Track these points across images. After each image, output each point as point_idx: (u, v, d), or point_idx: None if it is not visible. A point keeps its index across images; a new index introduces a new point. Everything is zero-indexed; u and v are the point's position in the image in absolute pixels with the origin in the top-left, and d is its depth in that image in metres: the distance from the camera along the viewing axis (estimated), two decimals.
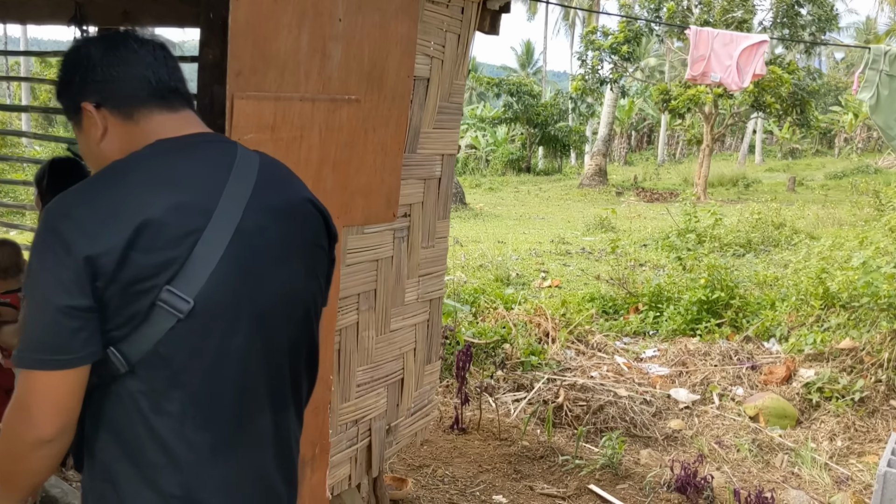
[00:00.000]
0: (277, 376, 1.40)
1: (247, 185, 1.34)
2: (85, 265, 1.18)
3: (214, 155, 1.36)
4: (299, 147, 2.34)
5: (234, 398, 1.32)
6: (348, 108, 2.50)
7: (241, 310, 1.31)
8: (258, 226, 1.33)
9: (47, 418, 1.22)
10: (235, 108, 2.10)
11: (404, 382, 3.06)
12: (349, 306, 2.71)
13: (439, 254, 3.18)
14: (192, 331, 1.24)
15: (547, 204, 19.98)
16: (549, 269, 9.61)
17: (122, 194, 1.24)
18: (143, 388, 1.25)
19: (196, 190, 1.28)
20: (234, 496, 1.33)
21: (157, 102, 1.36)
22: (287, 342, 1.41)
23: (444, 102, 3.02)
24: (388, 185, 2.78)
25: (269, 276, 1.35)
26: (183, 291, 1.22)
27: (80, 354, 1.20)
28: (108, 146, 1.36)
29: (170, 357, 1.24)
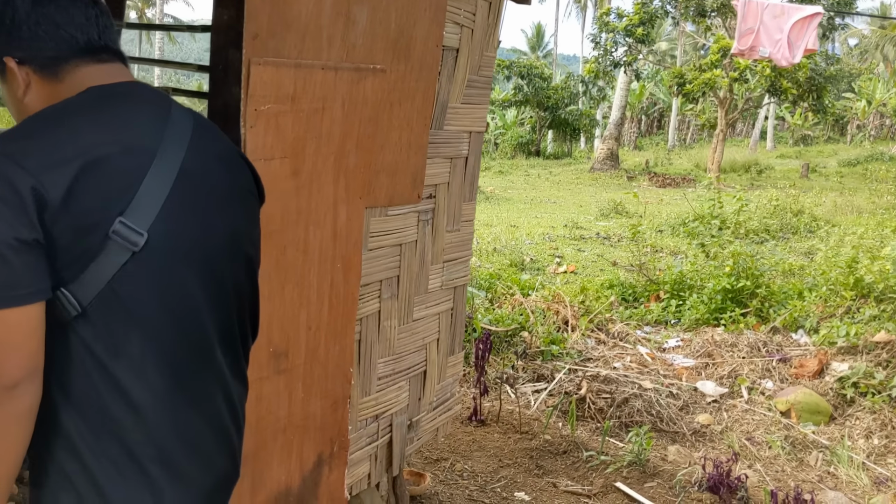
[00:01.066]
0: (226, 321, 1.39)
1: (186, 128, 1.34)
2: (31, 197, 1.14)
3: (151, 99, 1.35)
4: (321, 120, 2.14)
5: (189, 339, 1.31)
6: (373, 79, 2.29)
7: (192, 248, 1.30)
8: (201, 168, 1.33)
9: (9, 360, 1.15)
10: (252, 74, 1.90)
11: (427, 375, 2.87)
12: (370, 294, 2.52)
13: (465, 238, 2.98)
14: (147, 266, 1.22)
15: (558, 188, 19.73)
16: (563, 255, 9.40)
17: (62, 130, 1.20)
18: (98, 333, 1.21)
19: (137, 130, 1.27)
20: (195, 443, 1.33)
21: (83, 57, 1.33)
22: (233, 287, 1.41)
23: (474, 75, 2.81)
24: (414, 164, 2.58)
25: (215, 217, 1.35)
26: (135, 224, 1.20)
27: (33, 289, 1.15)
28: (32, 101, 1.32)
29: (125, 295, 1.21)
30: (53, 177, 1.16)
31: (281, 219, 2.08)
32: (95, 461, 1.23)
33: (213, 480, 1.40)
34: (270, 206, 2.02)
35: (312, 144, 2.14)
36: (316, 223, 2.21)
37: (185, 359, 1.31)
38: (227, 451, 1.43)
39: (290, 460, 2.27)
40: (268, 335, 2.12)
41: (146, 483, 1.28)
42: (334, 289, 2.32)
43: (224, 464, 1.43)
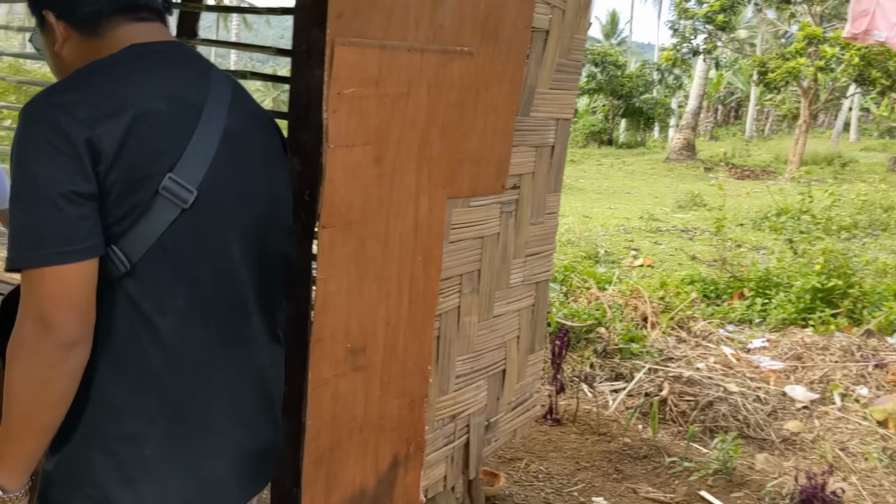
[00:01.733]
0: (265, 283, 1.39)
1: (227, 87, 1.33)
2: (86, 148, 1.12)
3: (192, 59, 1.34)
4: (405, 105, 2.02)
5: (232, 299, 1.31)
6: (460, 62, 2.16)
7: (236, 209, 1.30)
8: (242, 128, 1.33)
9: (68, 318, 1.13)
10: (336, 55, 1.79)
11: (506, 374, 2.74)
12: (450, 288, 2.40)
13: (548, 231, 2.83)
14: (195, 223, 1.22)
15: (632, 178, 19.33)
16: (639, 247, 9.15)
17: (112, 83, 1.18)
18: (145, 289, 1.20)
19: (183, 86, 1.26)
20: (238, 403, 1.33)
21: (123, 15, 1.30)
22: (272, 249, 1.41)
23: (563, 59, 2.66)
24: (499, 153, 2.44)
25: (256, 179, 1.35)
26: (185, 180, 1.19)
27: (90, 244, 1.13)
28: (69, 56, 1.30)
29: (174, 250, 1.21)
30: (107, 127, 1.13)
31: (361, 209, 1.98)
32: (134, 421, 1.22)
33: (256, 443, 1.40)
34: (351, 195, 1.92)
35: (396, 131, 2.02)
36: (397, 214, 2.09)
37: (228, 318, 1.31)
38: (269, 414, 1.44)
39: (365, 461, 2.17)
40: (345, 330, 2.02)
41: (187, 442, 1.27)
42: (414, 283, 2.21)
43: (266, 428, 1.43)
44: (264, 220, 1.39)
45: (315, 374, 1.94)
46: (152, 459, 1.24)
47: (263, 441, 1.45)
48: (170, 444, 1.26)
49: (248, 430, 1.39)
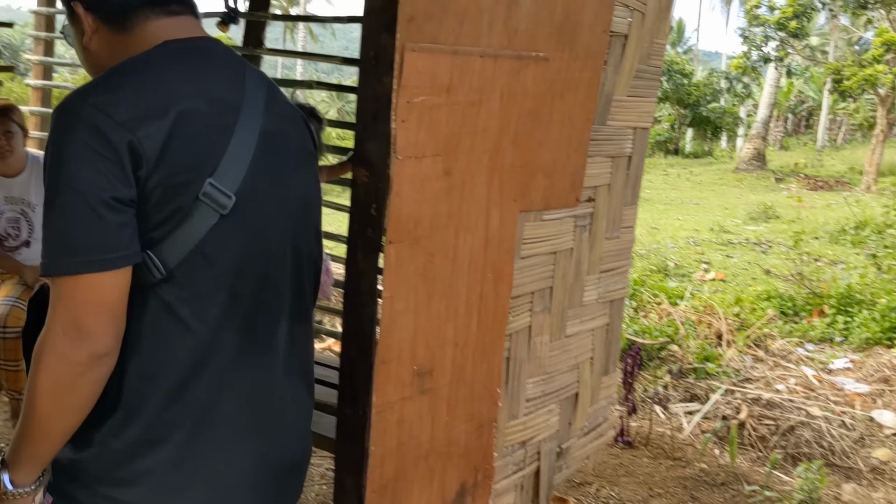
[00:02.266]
0: (300, 287, 1.37)
1: (263, 87, 1.31)
2: (128, 152, 1.08)
3: (227, 56, 1.30)
4: (476, 114, 1.92)
5: (270, 302, 1.29)
6: (535, 68, 2.05)
7: (273, 211, 1.28)
8: (277, 128, 1.30)
9: (102, 328, 1.10)
10: (406, 62, 1.69)
11: (579, 397, 2.60)
12: (521, 307, 2.28)
13: (624, 246, 2.69)
14: (234, 228, 1.20)
15: (700, 188, 18.89)
16: (710, 261, 8.86)
17: (152, 83, 1.14)
18: (183, 295, 1.17)
19: (221, 86, 1.22)
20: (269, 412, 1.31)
21: (153, 9, 1.26)
22: (305, 252, 1.39)
23: (642, 65, 2.52)
24: (574, 164, 2.32)
25: (290, 180, 1.32)
26: (225, 186, 1.17)
27: (128, 251, 1.11)
28: (98, 49, 1.27)
29: (213, 257, 1.18)
30: (149, 130, 1.10)
31: (430, 223, 1.87)
32: (157, 426, 1.19)
33: (281, 456, 1.36)
34: (419, 208, 1.82)
35: (467, 141, 1.91)
36: (467, 228, 1.99)
37: (262, 326, 1.29)
38: (296, 427, 1.40)
39: (430, 489, 2.06)
40: (411, 351, 1.91)
41: (208, 449, 1.24)
42: (484, 301, 2.10)
43: (293, 442, 1.39)
44: (299, 223, 1.37)
45: (380, 398, 1.85)
46: (172, 465, 1.22)
47: (290, 455, 1.41)
48: (191, 450, 1.23)
49: (273, 442, 1.35)
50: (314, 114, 3.02)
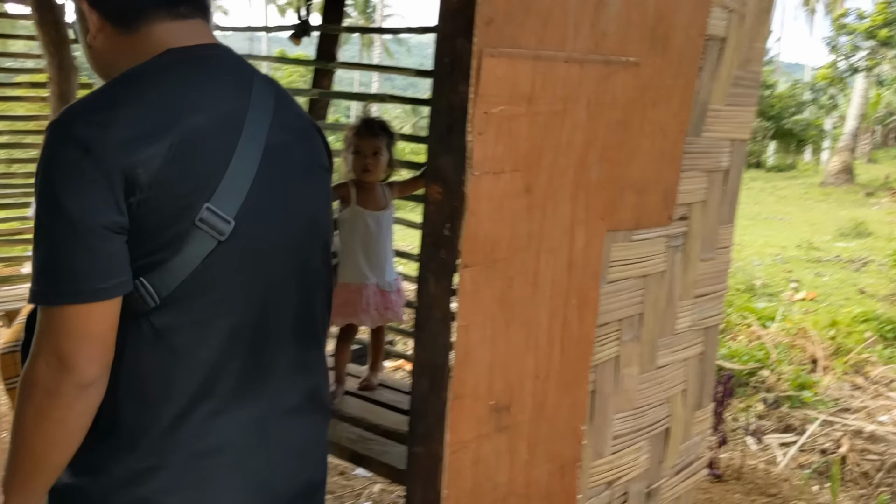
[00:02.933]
0: (310, 307, 1.32)
1: (269, 100, 1.24)
2: (120, 178, 1.03)
3: (234, 66, 1.24)
4: (561, 125, 1.75)
5: (274, 326, 1.24)
6: (624, 75, 1.87)
7: (276, 233, 1.22)
8: (284, 143, 1.24)
9: (87, 358, 1.06)
10: (484, 68, 1.53)
11: (670, 433, 2.39)
12: (608, 335, 2.09)
13: (720, 269, 2.47)
14: (233, 253, 1.14)
15: (785, 203, 18.21)
16: (799, 279, 8.43)
17: (150, 99, 1.08)
18: (177, 323, 1.13)
19: (223, 101, 1.17)
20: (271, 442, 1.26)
21: (159, 10, 1.20)
22: (314, 272, 1.33)
23: (741, 71, 2.31)
24: (666, 179, 2.12)
25: (296, 198, 1.27)
26: (223, 210, 1.11)
27: (118, 281, 1.06)
28: (103, 48, 1.22)
29: (209, 284, 1.13)
30: (145, 154, 1.04)
31: (509, 245, 1.71)
32: (153, 455, 1.15)
33: (285, 488, 1.30)
34: (497, 228, 1.66)
35: (549, 155, 1.75)
36: (549, 250, 1.81)
37: (267, 350, 1.24)
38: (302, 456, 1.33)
39: None
40: (488, 385, 1.75)
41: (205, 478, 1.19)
42: (567, 329, 1.92)
43: (299, 472, 1.33)
44: (305, 241, 1.31)
45: (454, 436, 1.69)
46: (170, 493, 1.18)
47: (297, 483, 1.34)
48: (189, 479, 1.19)
49: (277, 471, 1.29)
50: (385, 128, 2.89)
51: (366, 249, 2.89)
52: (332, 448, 2.73)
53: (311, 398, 1.35)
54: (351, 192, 2.88)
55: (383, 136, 2.87)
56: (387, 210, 2.94)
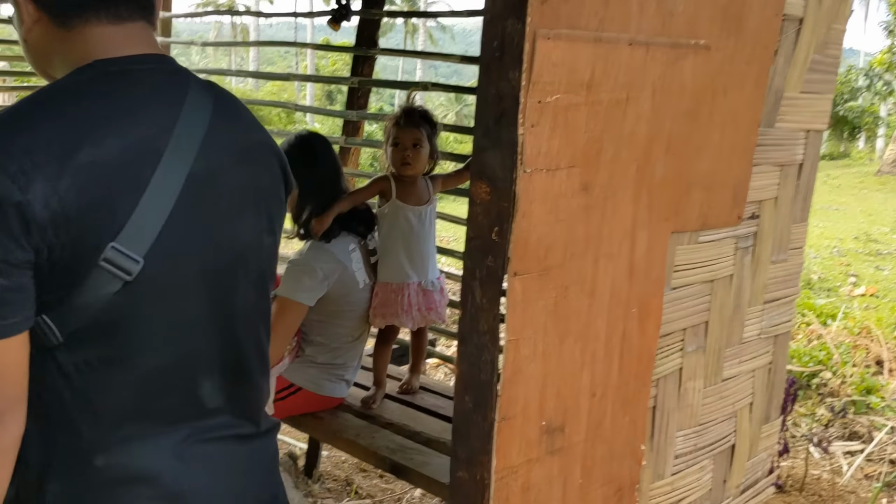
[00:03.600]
0: (233, 347, 1.23)
1: (202, 121, 1.15)
2: (16, 213, 0.98)
3: (164, 82, 1.16)
4: (622, 116, 1.57)
5: (187, 366, 1.17)
6: (694, 59, 1.68)
7: (196, 269, 1.15)
8: (214, 169, 1.15)
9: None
10: (538, 52, 1.36)
11: (735, 450, 2.20)
12: (671, 346, 1.91)
13: (791, 272, 2.27)
14: (141, 294, 1.08)
15: (839, 193, 17.62)
16: (858, 273, 8.09)
17: (58, 128, 1.03)
18: (79, 363, 1.08)
19: (143, 125, 1.09)
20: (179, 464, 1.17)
21: (100, 10, 1.12)
22: (244, 307, 1.24)
23: (818, 55, 2.10)
24: (737, 174, 1.93)
25: (225, 229, 1.18)
26: (131, 249, 1.05)
27: (22, 316, 1.02)
28: (38, 41, 1.16)
29: (117, 324, 1.08)
30: (42, 190, 0.98)
31: (564, 250, 1.54)
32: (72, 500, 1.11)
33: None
34: (551, 232, 1.49)
35: (610, 149, 1.57)
36: (608, 255, 1.64)
37: (183, 390, 1.17)
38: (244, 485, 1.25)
39: None
40: (539, 404, 1.59)
41: None
42: (627, 341, 1.74)
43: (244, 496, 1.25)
44: (233, 276, 1.21)
45: (502, 461, 1.53)
46: None
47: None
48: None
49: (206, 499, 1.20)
50: (427, 117, 2.73)
51: (407, 247, 2.73)
52: (371, 457, 2.59)
53: (239, 427, 1.26)
54: (391, 186, 2.72)
55: (424, 127, 2.71)
56: (429, 204, 2.77)
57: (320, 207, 2.63)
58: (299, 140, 2.69)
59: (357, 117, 3.81)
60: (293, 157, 2.67)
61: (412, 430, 2.65)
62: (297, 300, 2.55)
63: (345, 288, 2.65)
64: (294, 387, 2.73)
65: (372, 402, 2.83)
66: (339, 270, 2.62)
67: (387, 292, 2.72)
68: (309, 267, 2.58)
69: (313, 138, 2.73)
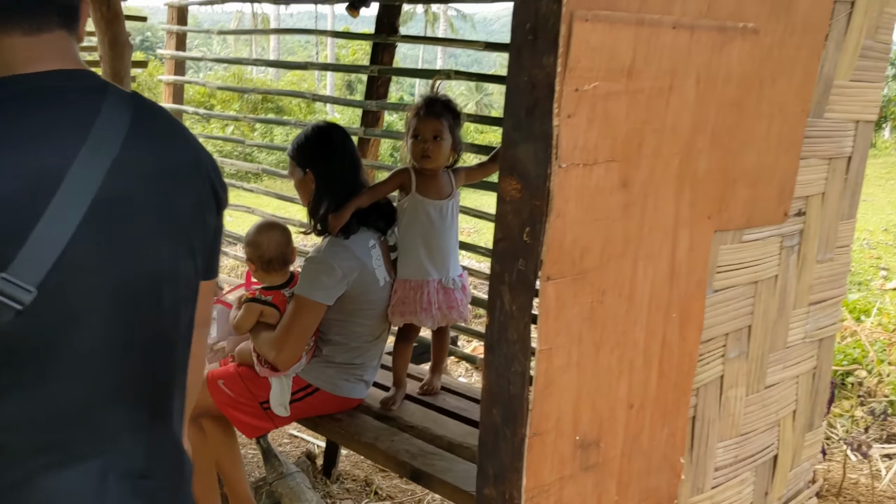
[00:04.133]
0: (147, 375, 1.21)
1: (113, 141, 1.10)
2: None
3: (75, 100, 1.11)
4: (665, 105, 1.44)
5: (84, 402, 1.13)
6: (741, 44, 1.55)
7: (104, 296, 1.11)
8: (123, 193, 1.11)
9: None
10: (575, 35, 1.24)
11: (778, 460, 2.07)
12: (712, 353, 1.78)
13: (838, 271, 2.13)
14: (35, 324, 1.05)
15: (865, 184, 17.15)
16: (888, 266, 7.89)
17: None
18: None
19: (45, 149, 1.05)
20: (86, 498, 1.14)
21: (12, 19, 1.08)
22: (154, 334, 1.21)
23: (869, 41, 1.96)
24: (783, 168, 1.80)
25: (133, 255, 1.14)
26: (22, 279, 1.02)
27: None
28: None
29: (10, 354, 1.06)
30: None
31: (601, 252, 1.42)
32: None
33: None
34: (587, 232, 1.37)
35: (651, 141, 1.44)
36: (648, 256, 1.52)
37: (76, 425, 1.13)
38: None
39: None
40: (573, 418, 1.47)
41: None
42: (666, 349, 1.62)
43: None
44: (142, 301, 1.17)
45: (533, 479, 1.42)
46: None
47: None
48: None
49: None
50: (450, 107, 2.61)
51: (427, 242, 2.62)
52: (390, 462, 2.49)
53: (153, 459, 1.23)
54: (411, 179, 2.61)
55: (446, 118, 2.59)
56: (451, 199, 2.66)
57: (338, 202, 2.53)
58: (316, 131, 2.59)
59: (377, 107, 3.70)
60: (310, 149, 2.60)
61: (434, 434, 2.54)
62: (314, 299, 2.45)
63: (364, 286, 2.55)
64: (311, 387, 2.63)
65: (391, 403, 2.73)
66: (358, 268, 2.52)
67: (406, 290, 2.62)
68: (327, 264, 2.47)
69: (331, 129, 2.62)
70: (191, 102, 15.98)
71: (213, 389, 2.62)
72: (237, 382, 2.62)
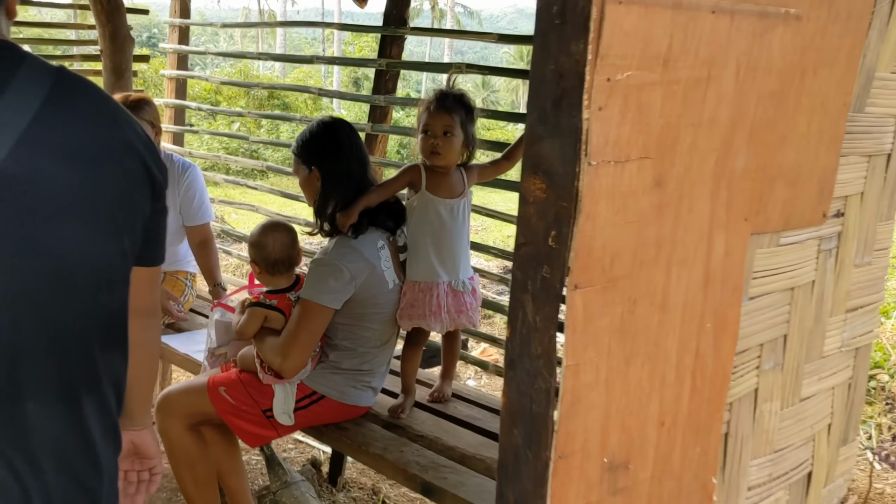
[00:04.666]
0: (57, 372, 1.12)
1: (23, 115, 1.04)
2: None
3: None
4: (702, 97, 1.32)
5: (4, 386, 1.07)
6: (783, 32, 1.43)
7: (3, 281, 1.05)
8: (31, 170, 1.05)
9: None
10: (607, 19, 1.12)
11: (812, 477, 1.95)
12: (746, 364, 1.66)
13: (876, 276, 2.01)
14: None
15: None
16: None
17: None
18: None
19: None
20: None
21: None
22: (62, 319, 1.12)
23: None
24: (823, 166, 1.67)
25: (41, 236, 1.07)
26: None
27: None
28: None
29: None
30: None
31: (632, 257, 1.30)
32: None
33: None
34: (618, 236, 1.25)
35: (687, 136, 1.32)
36: (682, 261, 1.40)
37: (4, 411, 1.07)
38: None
39: None
40: (601, 438, 1.35)
41: None
42: (700, 361, 1.50)
43: None
44: (52, 286, 1.10)
45: None
46: None
47: None
48: None
49: None
50: (462, 102, 2.49)
51: (437, 243, 2.50)
52: (399, 474, 2.37)
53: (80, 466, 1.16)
54: (421, 177, 2.49)
55: (458, 113, 2.47)
56: (463, 198, 2.54)
57: (346, 201, 2.42)
58: (322, 127, 2.47)
59: (385, 102, 3.59)
60: (315, 146, 2.48)
61: (445, 445, 2.43)
62: (321, 303, 2.34)
63: (373, 289, 2.43)
64: (316, 394, 2.52)
65: (400, 411, 2.61)
66: (367, 270, 2.40)
67: (415, 292, 2.50)
68: (335, 266, 2.36)
69: (337, 124, 2.51)
70: (196, 99, 15.88)
71: (215, 396, 2.51)
72: (239, 389, 2.51)
